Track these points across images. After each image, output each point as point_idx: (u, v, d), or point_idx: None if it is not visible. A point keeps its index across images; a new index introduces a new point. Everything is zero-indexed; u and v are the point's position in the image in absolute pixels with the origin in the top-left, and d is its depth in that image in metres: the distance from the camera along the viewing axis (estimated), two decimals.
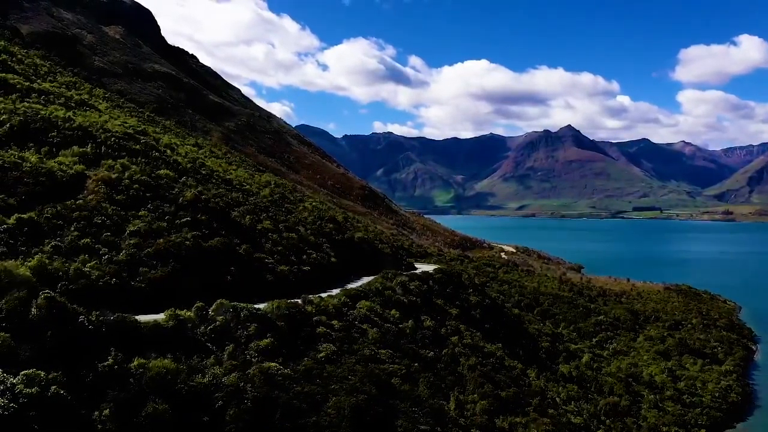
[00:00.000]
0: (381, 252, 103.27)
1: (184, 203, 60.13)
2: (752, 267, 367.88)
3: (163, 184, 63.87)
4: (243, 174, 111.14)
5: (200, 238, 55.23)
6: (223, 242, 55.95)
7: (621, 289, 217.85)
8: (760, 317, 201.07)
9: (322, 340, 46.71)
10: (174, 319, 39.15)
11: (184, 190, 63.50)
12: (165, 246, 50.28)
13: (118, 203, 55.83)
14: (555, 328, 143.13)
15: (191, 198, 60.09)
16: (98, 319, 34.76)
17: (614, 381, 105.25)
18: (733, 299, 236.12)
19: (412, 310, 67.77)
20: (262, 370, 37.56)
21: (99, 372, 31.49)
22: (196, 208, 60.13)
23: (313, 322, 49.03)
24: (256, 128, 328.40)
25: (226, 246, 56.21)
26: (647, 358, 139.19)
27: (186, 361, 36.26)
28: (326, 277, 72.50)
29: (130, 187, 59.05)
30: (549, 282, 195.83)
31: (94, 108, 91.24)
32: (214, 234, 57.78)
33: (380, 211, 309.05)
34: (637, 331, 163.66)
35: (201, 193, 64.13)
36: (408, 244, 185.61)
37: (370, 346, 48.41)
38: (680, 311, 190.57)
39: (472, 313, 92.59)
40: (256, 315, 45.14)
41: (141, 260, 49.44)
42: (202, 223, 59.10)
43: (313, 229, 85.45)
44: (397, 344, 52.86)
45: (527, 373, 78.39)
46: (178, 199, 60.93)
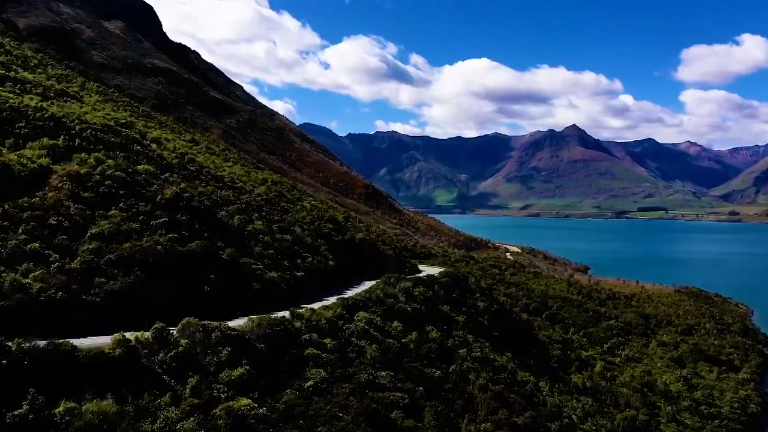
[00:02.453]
0: (383, 254, 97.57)
1: (162, 201, 54.20)
2: (761, 269, 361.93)
3: (140, 180, 58.03)
4: (238, 171, 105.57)
5: (177, 241, 49.44)
6: (203, 246, 50.28)
7: (630, 291, 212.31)
8: None
9: (311, 364, 40.18)
10: (122, 345, 31.83)
11: (165, 187, 57.65)
12: (131, 251, 44.09)
13: (85, 201, 49.70)
14: (565, 334, 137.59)
15: (171, 196, 54.35)
16: (20, 348, 27.61)
17: (630, 392, 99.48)
18: (744, 302, 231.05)
19: (416, 319, 61.96)
20: (230, 410, 30.61)
21: (8, 424, 24.29)
22: (176, 207, 54.50)
23: (301, 341, 42.81)
24: (257, 125, 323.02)
25: (207, 250, 50.58)
26: (661, 366, 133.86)
27: (133, 400, 29.30)
28: (323, 283, 66.77)
29: (101, 183, 52.97)
30: (557, 284, 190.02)
31: (76, 99, 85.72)
32: (195, 236, 52.07)
33: (383, 210, 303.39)
34: (649, 336, 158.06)
35: (183, 190, 58.33)
36: (411, 245, 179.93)
37: (368, 369, 42.41)
38: (693, 315, 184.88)
39: (480, 319, 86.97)
40: (231, 336, 38.16)
41: (99, 269, 42.61)
42: (182, 224, 53.17)
43: (310, 230, 79.78)
44: (399, 363, 46.92)
45: (540, 386, 72.66)
46: (156, 197, 55.05)
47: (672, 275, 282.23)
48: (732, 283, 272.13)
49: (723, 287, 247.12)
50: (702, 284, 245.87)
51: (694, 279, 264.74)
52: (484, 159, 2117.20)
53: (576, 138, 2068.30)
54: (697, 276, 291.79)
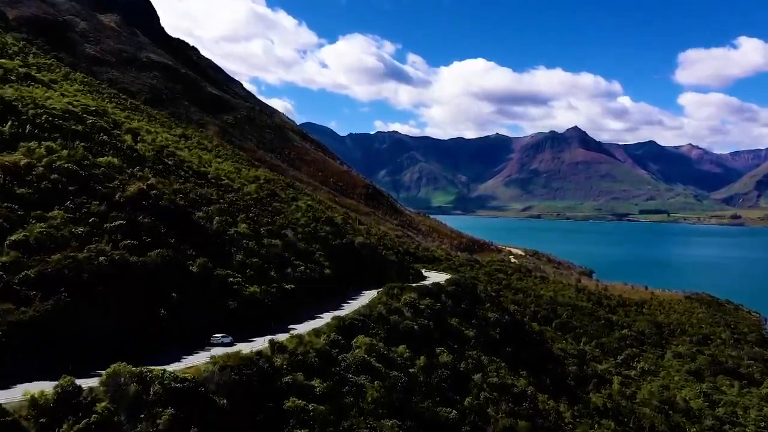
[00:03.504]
0: (385, 259, 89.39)
1: (121, 200, 45.60)
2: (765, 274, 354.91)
3: (98, 174, 48.98)
4: (228, 167, 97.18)
5: (133, 249, 40.35)
6: (166, 255, 41.43)
7: (640, 297, 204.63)
8: None
9: (294, 423, 29.40)
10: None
11: (130, 183, 49.07)
12: (58, 265, 33.97)
13: (19, 199, 40.86)
14: (577, 344, 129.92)
15: (134, 193, 45.97)
16: None
17: (652, 413, 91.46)
18: (753, 308, 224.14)
19: (425, 338, 53.86)
20: None
21: None
22: (140, 208, 46.22)
23: (282, 385, 32.72)
24: (256, 123, 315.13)
25: (171, 261, 41.77)
26: (679, 379, 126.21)
27: None
28: (317, 295, 58.49)
29: (44, 178, 43.94)
30: (565, 290, 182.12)
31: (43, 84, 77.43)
32: (159, 243, 43.59)
33: (384, 210, 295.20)
34: (664, 346, 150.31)
35: (152, 187, 49.68)
36: (414, 248, 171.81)
37: (368, 418, 33.72)
38: (706, 324, 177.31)
39: (491, 333, 79.02)
40: (178, 390, 26.97)
41: (10, 289, 32.32)
42: (144, 228, 44.51)
43: (305, 233, 71.56)
44: (407, 404, 38.43)
45: (561, 412, 64.50)
46: (114, 194, 46.25)
47: (679, 280, 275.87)
48: (740, 289, 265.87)
49: (732, 293, 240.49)
50: (710, 289, 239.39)
51: (701, 284, 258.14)
52: (485, 160, 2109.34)
53: (577, 140, 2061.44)
54: (705, 281, 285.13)
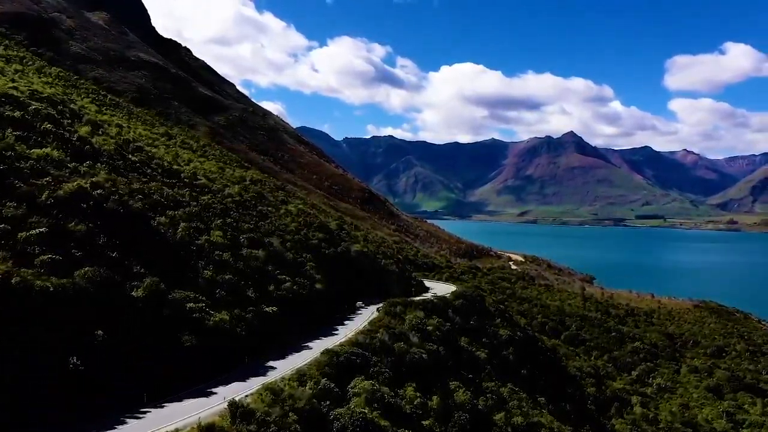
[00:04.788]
0: (385, 270, 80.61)
1: (49, 202, 36.25)
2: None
3: (23, 168, 39.64)
4: (210, 167, 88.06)
5: (54, 267, 30.62)
6: (97, 275, 31.87)
7: (648, 306, 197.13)
8: None
9: None
10: None
11: (68, 180, 39.86)
12: None
13: None
14: (589, 359, 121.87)
15: (69, 193, 36.65)
16: None
17: None
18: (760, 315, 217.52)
19: (435, 370, 45.08)
20: None
21: None
22: (74, 211, 37.10)
23: None
24: (248, 124, 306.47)
25: (104, 283, 32.07)
26: (698, 397, 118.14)
27: None
28: (306, 315, 49.48)
29: None
30: (571, 299, 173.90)
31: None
32: (94, 258, 34.20)
33: (381, 215, 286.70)
34: (678, 359, 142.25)
35: (97, 185, 40.20)
36: (413, 254, 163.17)
37: None
38: (719, 335, 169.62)
39: (504, 353, 70.44)
40: None
41: None
42: (75, 238, 35.20)
43: (294, 241, 62.69)
44: None
45: None
46: (41, 194, 36.84)
47: (682, 286, 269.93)
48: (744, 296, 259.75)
49: (736, 300, 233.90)
50: (714, 297, 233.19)
51: (705, 291, 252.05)
52: (481, 164, 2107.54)
53: (573, 145, 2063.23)
54: (708, 288, 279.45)
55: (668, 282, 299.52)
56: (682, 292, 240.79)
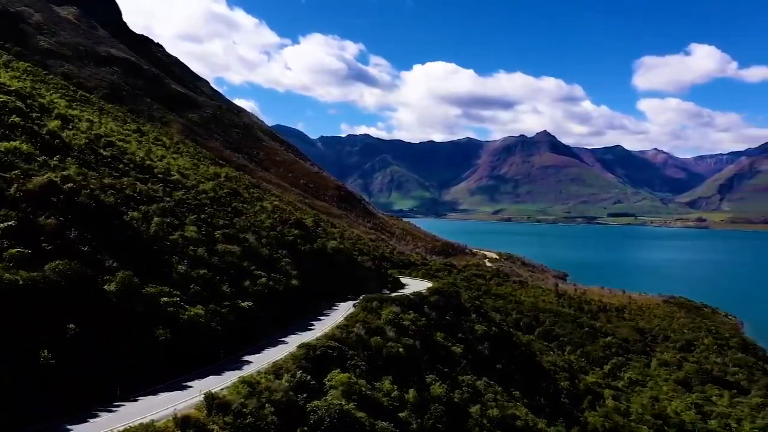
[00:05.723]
0: (361, 266, 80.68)
1: (18, 195, 35.20)
2: (735, 276, 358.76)
3: None
4: (183, 163, 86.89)
5: (23, 261, 29.91)
6: (68, 269, 31.14)
7: (619, 302, 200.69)
8: (765, 334, 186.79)
9: None
10: None
11: (41, 172, 38.90)
12: None
13: None
14: (562, 353, 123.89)
15: (38, 186, 35.86)
16: None
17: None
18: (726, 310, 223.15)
19: (411, 364, 45.35)
20: None
21: None
22: (44, 205, 36.11)
23: None
24: (223, 121, 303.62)
25: (76, 276, 31.23)
26: (667, 390, 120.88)
27: None
28: (282, 311, 49.26)
29: None
30: (545, 295, 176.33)
31: None
32: (65, 251, 33.37)
33: (357, 213, 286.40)
34: (649, 354, 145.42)
35: (67, 179, 39.43)
36: (389, 252, 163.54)
37: None
38: (688, 329, 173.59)
39: (480, 348, 71.16)
40: None
41: None
42: (46, 231, 34.32)
43: (269, 237, 62.38)
44: None
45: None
46: (10, 186, 35.61)
47: (653, 283, 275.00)
48: (712, 292, 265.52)
49: (704, 295, 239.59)
50: (683, 292, 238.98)
51: (675, 287, 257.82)
52: (456, 163, 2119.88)
53: (547, 144, 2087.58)
54: (679, 284, 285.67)
55: (639, 278, 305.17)
56: (653, 288, 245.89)
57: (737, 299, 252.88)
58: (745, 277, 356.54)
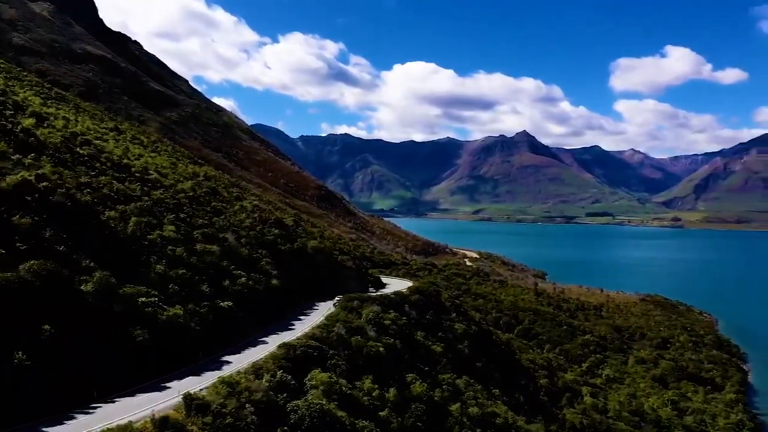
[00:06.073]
0: (342, 265, 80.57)
1: None
2: (709, 275, 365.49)
3: None
4: (162, 162, 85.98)
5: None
6: (43, 269, 30.50)
7: (597, 300, 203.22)
8: (739, 331, 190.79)
9: None
10: None
11: (15, 171, 38.07)
12: None
13: None
14: (541, 351, 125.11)
15: (12, 185, 35.16)
16: None
17: (627, 428, 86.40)
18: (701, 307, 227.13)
19: (392, 363, 45.44)
20: None
21: None
22: (18, 204, 35.23)
23: None
24: (202, 120, 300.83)
25: (51, 277, 30.61)
26: (644, 386, 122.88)
27: None
28: (262, 311, 49.02)
29: None
30: (525, 294, 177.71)
31: None
32: (40, 251, 32.70)
33: (337, 212, 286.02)
34: (626, 351, 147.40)
35: (42, 177, 38.59)
36: (370, 252, 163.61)
37: None
38: (664, 327, 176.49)
39: (460, 347, 71.55)
40: None
41: None
42: (20, 231, 33.53)
43: (249, 236, 62.05)
44: None
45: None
46: None
47: (630, 281, 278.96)
48: (687, 289, 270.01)
49: (680, 293, 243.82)
50: (660, 290, 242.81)
51: (652, 285, 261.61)
52: (437, 163, 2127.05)
53: (526, 144, 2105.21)
54: (655, 282, 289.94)
55: (617, 277, 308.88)
56: (630, 287, 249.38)
57: (712, 297, 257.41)
58: (719, 276, 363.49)
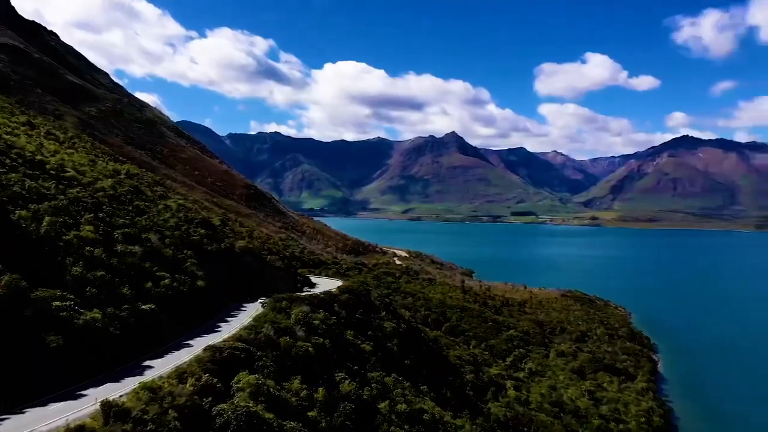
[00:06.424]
0: (271, 266, 79.68)
1: None
2: (624, 270, 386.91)
3: None
4: (80, 159, 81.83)
5: None
6: None
7: (521, 297, 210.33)
8: (650, 323, 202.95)
9: None
10: None
11: None
12: None
13: None
14: (468, 348, 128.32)
15: None
16: None
17: (549, 419, 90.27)
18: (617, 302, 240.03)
19: (321, 363, 45.49)
20: None
21: None
22: None
23: None
24: (124, 116, 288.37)
25: None
26: (564, 378, 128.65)
27: None
28: (187, 313, 47.83)
29: None
30: (452, 292, 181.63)
31: None
32: None
33: (267, 212, 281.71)
34: (548, 345, 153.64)
35: None
36: (300, 251, 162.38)
37: None
38: (583, 321, 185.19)
39: (389, 345, 72.51)
40: None
41: None
42: None
43: (174, 237, 60.32)
44: None
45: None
46: None
47: (552, 278, 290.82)
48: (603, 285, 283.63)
49: (598, 289, 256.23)
50: (579, 286, 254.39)
51: (571, 281, 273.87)
52: (368, 163, 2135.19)
53: (455, 144, 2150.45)
54: (574, 278, 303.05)
55: (539, 274, 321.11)
56: (551, 283, 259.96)
57: (625, 292, 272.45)
58: (631, 271, 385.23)
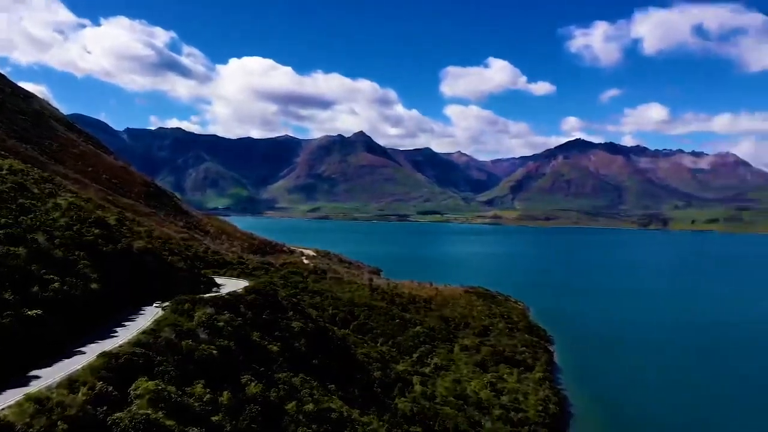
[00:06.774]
0: (172, 267, 76.55)
1: None
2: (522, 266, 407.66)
3: None
4: None
5: None
6: None
7: (427, 294, 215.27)
8: (546, 316, 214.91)
9: None
10: None
11: None
12: None
13: None
14: (376, 345, 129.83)
15: None
16: None
17: (454, 412, 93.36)
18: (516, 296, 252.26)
19: (226, 366, 44.27)
20: None
21: None
22: None
23: None
24: (6, 107, 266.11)
25: None
26: (467, 372, 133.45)
27: None
28: (79, 319, 44.91)
29: None
30: (360, 290, 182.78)
31: None
32: None
33: (168, 211, 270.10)
34: (452, 340, 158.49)
35: None
36: (203, 251, 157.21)
37: None
38: (485, 315, 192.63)
39: (297, 345, 72.07)
40: None
41: None
42: None
43: (64, 237, 56.43)
44: None
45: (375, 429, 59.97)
46: None
47: (456, 274, 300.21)
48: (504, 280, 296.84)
49: (499, 284, 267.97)
50: (481, 282, 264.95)
51: (474, 278, 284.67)
52: (274, 161, 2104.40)
53: (363, 144, 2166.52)
54: (477, 274, 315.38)
55: (444, 271, 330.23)
56: (456, 280, 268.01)
57: (524, 286, 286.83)
58: (529, 267, 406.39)
